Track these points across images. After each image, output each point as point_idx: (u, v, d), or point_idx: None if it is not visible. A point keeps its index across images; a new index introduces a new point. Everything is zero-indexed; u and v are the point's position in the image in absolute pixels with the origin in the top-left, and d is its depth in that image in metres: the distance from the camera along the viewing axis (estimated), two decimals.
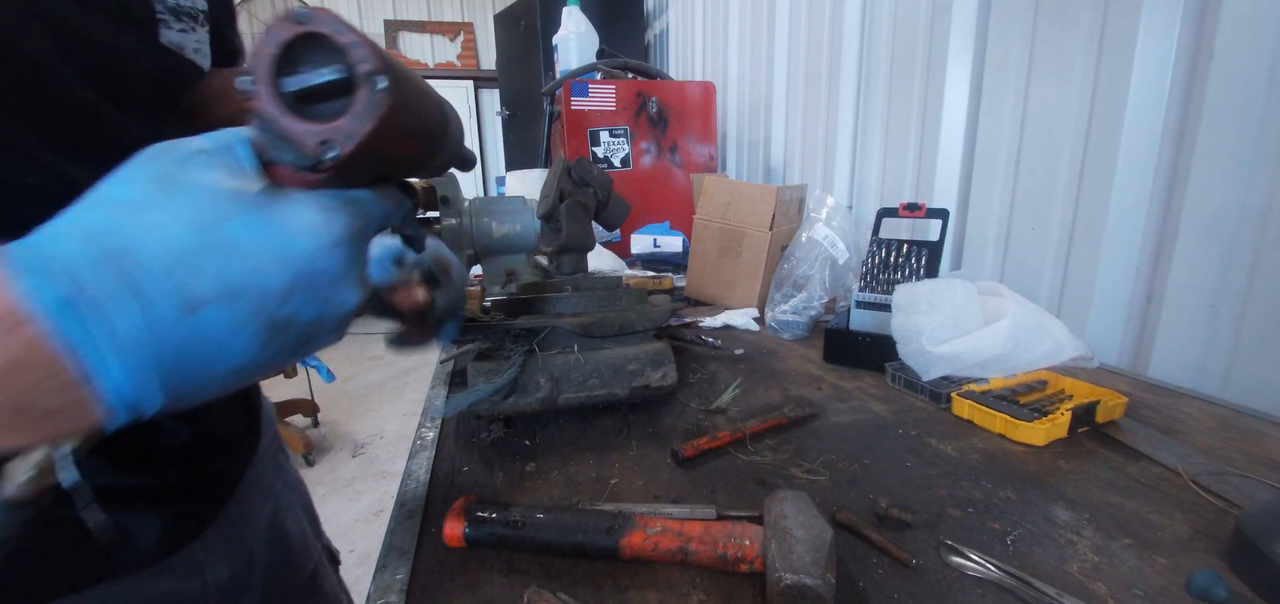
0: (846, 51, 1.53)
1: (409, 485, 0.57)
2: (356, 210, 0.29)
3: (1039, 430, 0.62)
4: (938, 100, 1.23)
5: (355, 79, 0.26)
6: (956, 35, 1.17)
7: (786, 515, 0.43)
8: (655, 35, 3.29)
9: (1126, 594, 0.41)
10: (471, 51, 4.92)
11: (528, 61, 3.17)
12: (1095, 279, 0.94)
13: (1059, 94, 0.98)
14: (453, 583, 0.43)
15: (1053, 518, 0.50)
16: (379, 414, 3.19)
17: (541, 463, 0.60)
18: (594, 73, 2.04)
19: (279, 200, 0.26)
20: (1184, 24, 0.80)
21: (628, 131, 1.95)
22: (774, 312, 1.06)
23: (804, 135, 1.80)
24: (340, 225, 0.28)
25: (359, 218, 0.29)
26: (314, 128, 0.26)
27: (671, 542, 0.43)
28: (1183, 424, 0.68)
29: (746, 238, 1.22)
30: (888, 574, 0.43)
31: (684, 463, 0.59)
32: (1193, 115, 0.80)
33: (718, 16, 2.40)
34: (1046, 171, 1.01)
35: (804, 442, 0.64)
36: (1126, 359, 0.91)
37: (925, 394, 0.75)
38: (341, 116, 0.26)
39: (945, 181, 1.22)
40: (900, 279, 0.90)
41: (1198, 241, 0.80)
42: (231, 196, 0.25)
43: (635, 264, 1.62)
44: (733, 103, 2.29)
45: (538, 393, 0.62)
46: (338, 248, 0.27)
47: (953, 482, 0.56)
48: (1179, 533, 0.48)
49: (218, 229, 0.24)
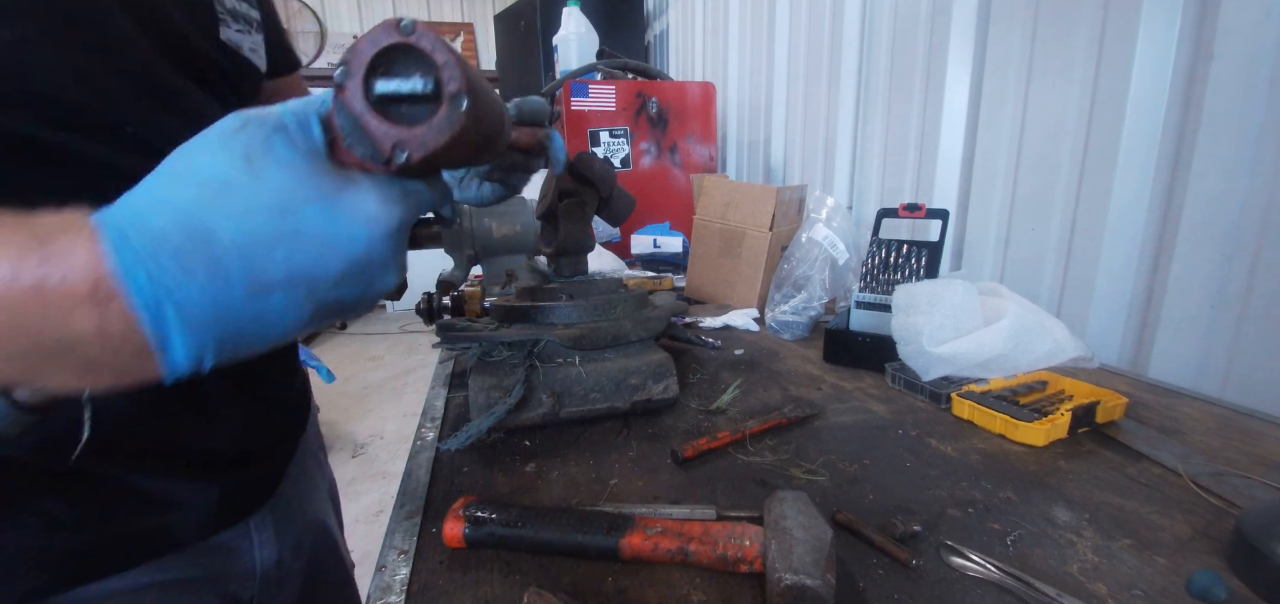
0: (846, 52, 1.53)
1: (409, 485, 0.57)
2: (411, 201, 0.30)
3: (1039, 431, 0.62)
4: (938, 101, 1.23)
5: (441, 95, 0.28)
6: (956, 36, 1.17)
7: (786, 516, 0.43)
8: (655, 36, 3.29)
9: (1126, 595, 0.41)
10: (471, 52, 4.92)
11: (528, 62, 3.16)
12: (1095, 279, 0.94)
13: (1059, 94, 0.98)
14: (452, 583, 0.43)
15: (1053, 518, 0.50)
16: (379, 414, 3.19)
17: (541, 463, 0.60)
18: (594, 73, 2.04)
19: (344, 186, 0.28)
20: (1184, 24, 0.80)
21: (628, 132, 1.95)
22: (774, 312, 1.06)
23: (804, 135, 1.80)
24: (396, 216, 0.29)
25: (412, 208, 0.31)
26: (392, 130, 0.28)
27: (671, 542, 0.43)
28: (1183, 424, 0.68)
29: (746, 238, 1.22)
30: (888, 574, 0.43)
31: (684, 463, 0.59)
32: (1193, 115, 0.80)
33: (718, 16, 2.40)
34: (1046, 171, 1.01)
35: (804, 442, 0.64)
36: (1126, 359, 0.91)
37: (925, 394, 0.75)
38: (420, 125, 0.28)
39: (945, 182, 1.22)
40: (900, 279, 0.90)
41: (1198, 241, 0.80)
42: (306, 182, 0.26)
43: (635, 264, 1.62)
44: (733, 103, 2.29)
45: (540, 408, 0.62)
46: (389, 238, 0.29)
47: (953, 482, 0.56)
48: (1179, 533, 0.48)
49: (292, 217, 0.26)
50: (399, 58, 0.28)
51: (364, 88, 0.27)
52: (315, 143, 0.28)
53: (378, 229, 0.28)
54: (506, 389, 0.62)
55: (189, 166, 0.25)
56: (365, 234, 0.28)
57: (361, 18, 4.62)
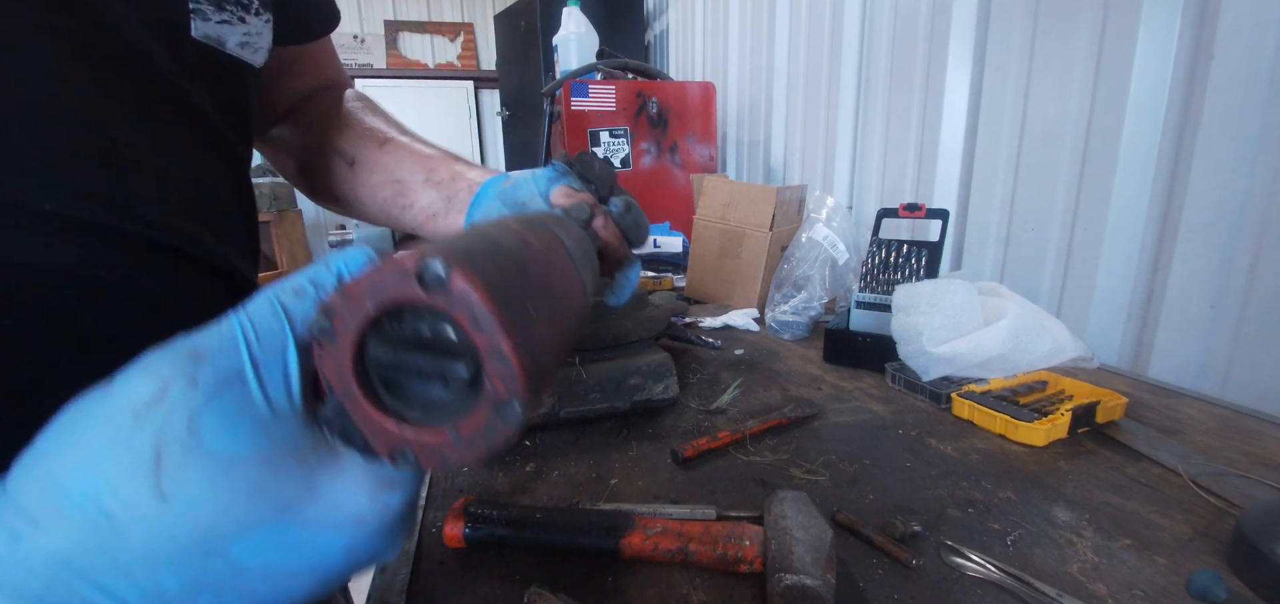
0: (846, 51, 1.53)
1: None
2: (419, 478, 0.22)
3: (1039, 431, 0.62)
4: (938, 100, 1.23)
5: (481, 386, 0.18)
6: (956, 35, 1.17)
7: (786, 516, 0.43)
8: (655, 35, 3.29)
9: (1126, 594, 0.41)
10: (471, 52, 4.92)
11: (528, 62, 3.16)
12: (1095, 279, 0.94)
13: (1059, 94, 0.98)
14: (453, 583, 0.43)
15: (1053, 518, 0.50)
16: None
17: (541, 463, 0.60)
18: (594, 73, 2.04)
19: (318, 470, 0.19)
20: (1184, 24, 0.80)
21: (628, 132, 1.95)
22: (774, 312, 1.06)
23: (804, 135, 1.80)
24: (396, 505, 0.20)
25: (419, 481, 0.22)
26: (393, 428, 0.19)
27: (671, 542, 0.43)
28: (1183, 424, 0.68)
29: (746, 238, 1.22)
30: (888, 574, 0.43)
31: (684, 463, 0.59)
32: (1193, 115, 0.80)
33: (718, 16, 2.40)
34: (1046, 171, 1.01)
35: (804, 442, 0.64)
36: (1126, 359, 0.91)
37: (925, 394, 0.75)
38: (439, 427, 0.18)
39: (945, 182, 1.22)
40: (900, 279, 0.90)
41: (1198, 241, 0.80)
42: (253, 491, 0.17)
43: None
44: (733, 103, 2.29)
45: (540, 408, 0.62)
46: (382, 534, 0.20)
47: (953, 482, 0.56)
48: (1179, 533, 0.48)
49: (220, 556, 0.17)
50: (421, 323, 0.18)
51: (354, 357, 0.18)
52: (283, 400, 0.18)
53: (364, 530, 0.19)
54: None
55: (70, 474, 0.16)
56: (345, 544, 0.19)
57: (361, 18, 4.61)
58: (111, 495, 0.16)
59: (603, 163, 0.74)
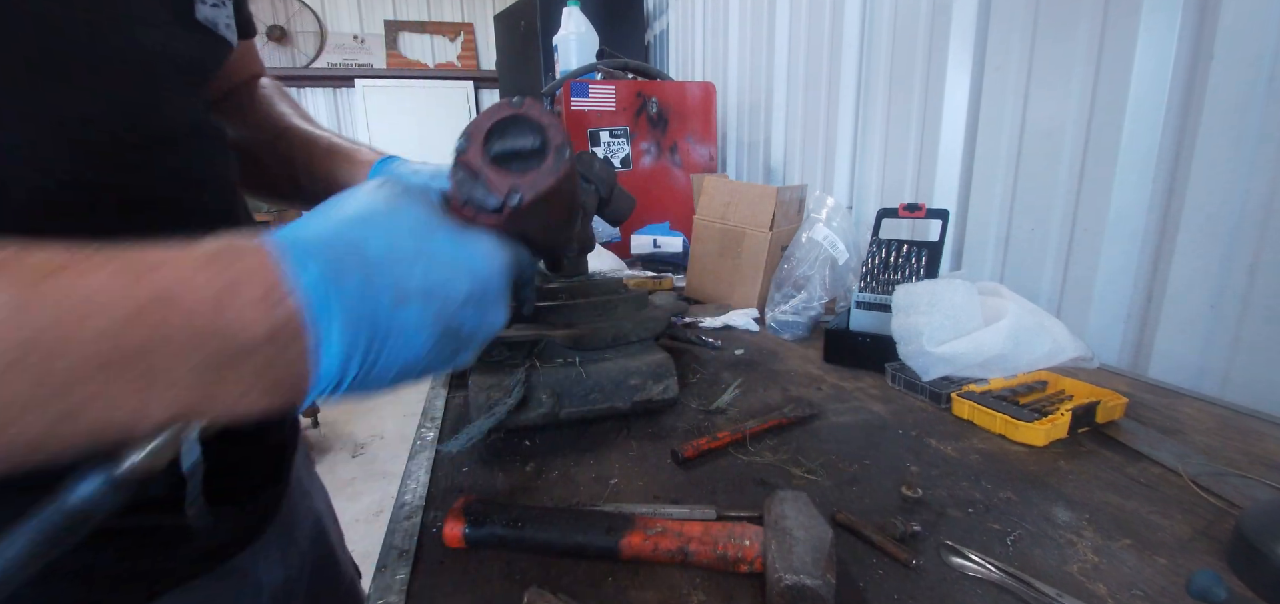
0: (846, 51, 1.53)
1: (409, 486, 0.57)
2: (514, 253, 0.35)
3: (1039, 431, 0.62)
4: (938, 100, 1.23)
5: (547, 146, 0.34)
6: (956, 35, 1.17)
7: (786, 516, 0.43)
8: (655, 35, 3.29)
9: (1126, 594, 0.41)
10: (471, 52, 4.91)
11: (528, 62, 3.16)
12: (1095, 279, 0.94)
13: (1059, 94, 0.98)
14: (453, 584, 0.43)
15: (1053, 518, 0.50)
16: (379, 414, 3.19)
17: (541, 463, 0.60)
18: (594, 73, 2.04)
19: (465, 228, 0.32)
20: (1184, 24, 0.80)
21: (628, 132, 1.95)
22: (774, 312, 1.06)
23: (804, 135, 1.80)
24: (506, 257, 0.34)
25: (514, 260, 0.35)
26: (508, 178, 0.33)
27: (671, 542, 0.43)
28: (1183, 424, 0.68)
29: (746, 238, 1.22)
30: (888, 574, 0.43)
31: (684, 463, 0.59)
32: (1193, 115, 0.80)
33: (718, 16, 2.40)
34: (1046, 172, 1.01)
35: (804, 442, 0.64)
36: (1126, 359, 0.91)
37: (925, 394, 0.75)
38: (530, 173, 0.34)
39: (945, 182, 1.22)
40: (900, 279, 0.90)
41: (1198, 242, 0.80)
42: (436, 219, 0.31)
43: (635, 264, 1.62)
44: (733, 103, 2.29)
45: (540, 408, 0.62)
46: (502, 273, 0.33)
47: (953, 482, 0.56)
48: (1179, 533, 0.48)
49: (428, 240, 0.30)
50: (511, 127, 0.34)
51: (483, 149, 0.34)
52: (436, 201, 0.33)
53: (495, 262, 0.32)
54: (507, 389, 0.62)
55: (334, 207, 0.29)
56: (485, 265, 0.32)
57: (361, 18, 4.61)
58: (367, 207, 0.30)
59: (603, 163, 0.74)
